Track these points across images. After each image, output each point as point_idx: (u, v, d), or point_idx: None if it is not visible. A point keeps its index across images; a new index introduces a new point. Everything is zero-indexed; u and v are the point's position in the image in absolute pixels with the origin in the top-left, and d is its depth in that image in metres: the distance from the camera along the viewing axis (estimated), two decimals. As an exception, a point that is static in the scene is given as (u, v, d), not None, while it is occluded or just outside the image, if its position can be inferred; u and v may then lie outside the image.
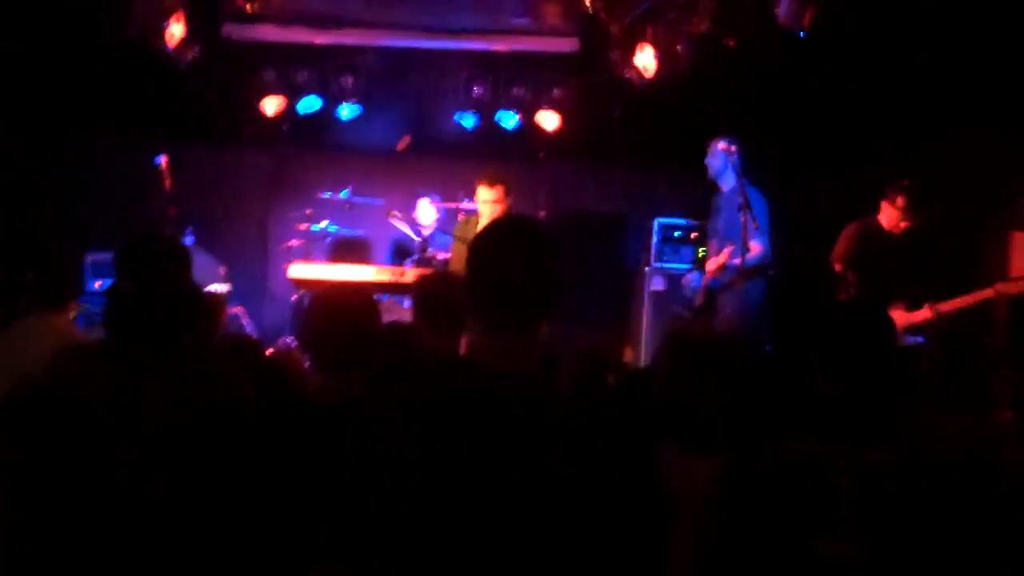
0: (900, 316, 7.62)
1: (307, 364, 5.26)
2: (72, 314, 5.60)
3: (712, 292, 8.34)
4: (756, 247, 8.00)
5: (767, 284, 8.42)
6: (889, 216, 7.89)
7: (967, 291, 7.41)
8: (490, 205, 7.93)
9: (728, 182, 8.26)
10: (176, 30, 8.62)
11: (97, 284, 8.88)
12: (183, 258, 3.87)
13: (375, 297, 4.40)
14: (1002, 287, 7.32)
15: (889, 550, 3.42)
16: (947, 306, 7.46)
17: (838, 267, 7.98)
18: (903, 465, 3.52)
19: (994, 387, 5.28)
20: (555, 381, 2.78)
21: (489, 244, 2.68)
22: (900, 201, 7.80)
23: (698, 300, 8.41)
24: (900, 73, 8.56)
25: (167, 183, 8.46)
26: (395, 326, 5.34)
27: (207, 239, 9.85)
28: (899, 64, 8.45)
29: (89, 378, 3.43)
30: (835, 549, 3.43)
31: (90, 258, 8.54)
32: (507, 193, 8.00)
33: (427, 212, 9.71)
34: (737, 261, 7.84)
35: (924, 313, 7.53)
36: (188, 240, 8.90)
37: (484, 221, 7.94)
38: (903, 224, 7.85)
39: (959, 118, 8.64)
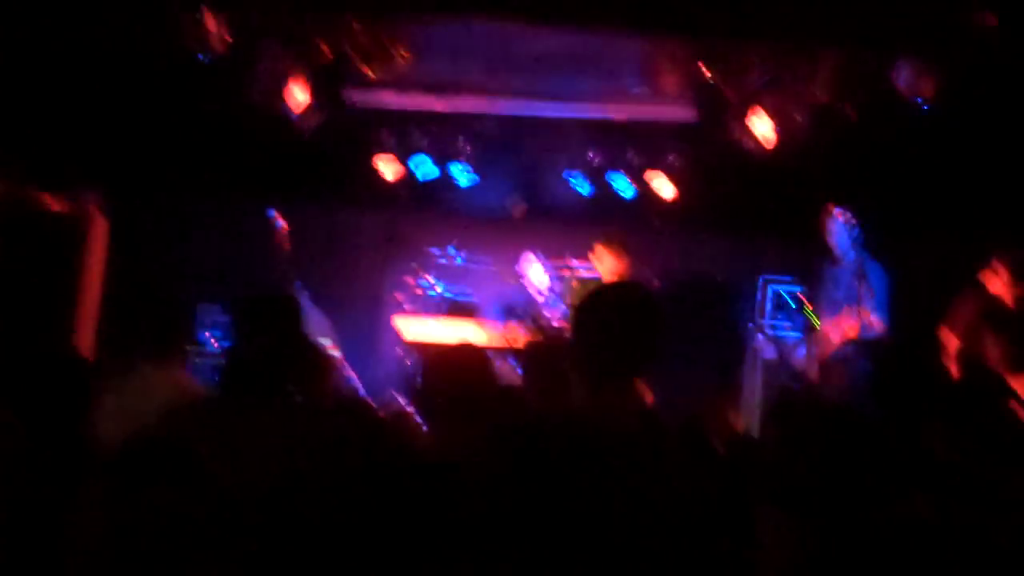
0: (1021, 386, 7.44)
1: (419, 423, 5.31)
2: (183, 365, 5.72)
3: (827, 364, 8.22)
4: (876, 322, 7.91)
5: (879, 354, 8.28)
6: (1000, 287, 7.74)
7: None
8: (609, 267, 7.97)
9: (848, 254, 8.18)
10: (300, 96, 8.78)
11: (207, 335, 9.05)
12: (297, 315, 3.91)
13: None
14: None
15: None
16: None
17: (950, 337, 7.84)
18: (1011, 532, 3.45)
19: None
20: (654, 432, 2.79)
21: (592, 305, 2.74)
22: (1003, 273, 7.66)
23: (811, 372, 8.30)
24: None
25: (287, 245, 8.61)
26: (507, 388, 5.38)
27: (321, 299, 9.98)
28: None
29: (201, 432, 3.47)
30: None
31: (201, 309, 8.72)
32: (626, 254, 8.04)
33: (539, 275, 9.74)
34: (853, 333, 7.74)
35: None
36: (302, 297, 9.01)
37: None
38: (1010, 292, 7.69)
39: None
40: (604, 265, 8.05)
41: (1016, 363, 7.61)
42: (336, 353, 6.79)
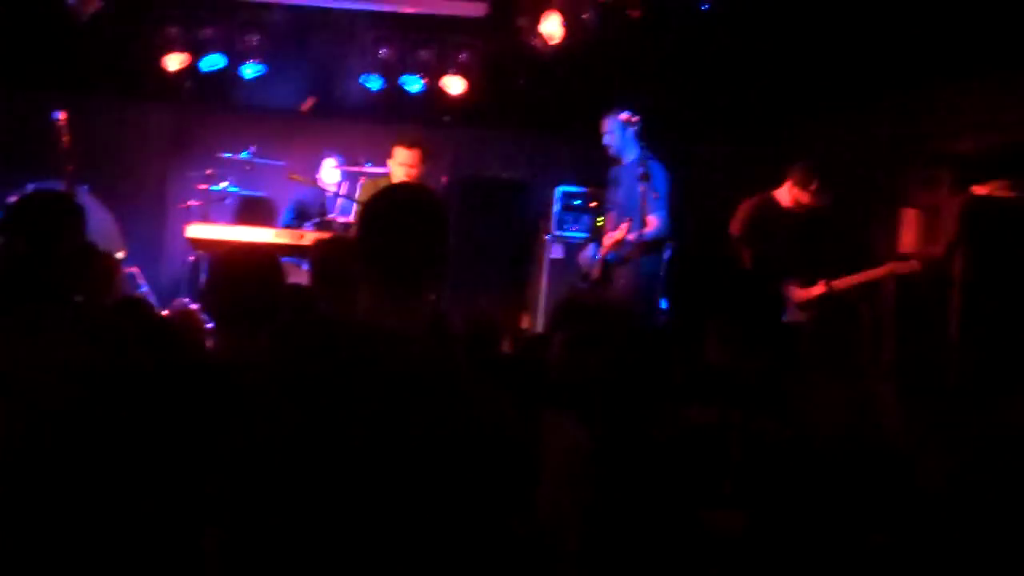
0: (795, 292, 7.76)
1: (208, 325, 5.27)
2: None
3: (608, 265, 8.41)
4: (654, 221, 8.07)
5: (665, 258, 8.54)
6: (794, 195, 7.99)
7: (859, 268, 7.57)
8: (405, 168, 7.92)
9: (629, 154, 8.31)
10: (76, -19, 8.47)
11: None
12: (77, 216, 3.80)
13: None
14: (894, 266, 7.50)
15: (774, 517, 3.51)
16: (841, 283, 7.61)
17: (735, 240, 8.09)
18: (790, 434, 3.61)
19: (876, 359, 5.42)
20: (442, 344, 2.84)
21: (380, 209, 2.75)
22: (814, 185, 7.91)
23: (594, 272, 8.49)
24: (795, 49, 8.69)
25: (65, 139, 8.35)
26: (294, 289, 5.36)
27: (105, 196, 9.72)
28: (798, 40, 8.57)
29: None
30: (721, 517, 3.51)
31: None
32: (424, 157, 7.99)
33: (331, 173, 9.68)
34: (633, 236, 7.91)
35: (818, 289, 7.68)
36: (84, 197, 8.75)
37: (397, 182, 7.94)
38: (801, 202, 7.96)
39: (852, 95, 8.80)
40: (397, 164, 7.98)
41: (788, 268, 7.96)
42: (121, 255, 6.65)
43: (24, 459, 3.28)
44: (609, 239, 8.19)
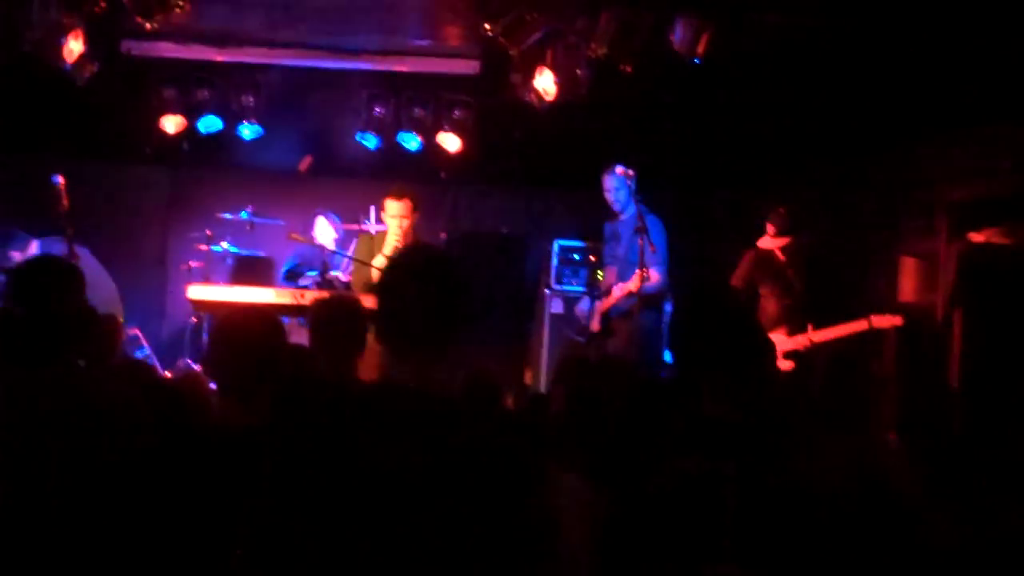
0: (780, 341, 7.77)
1: (212, 386, 5.27)
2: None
3: (609, 318, 8.43)
4: (655, 275, 8.13)
5: (666, 311, 8.56)
6: (768, 242, 8.09)
7: (845, 319, 7.59)
8: (397, 219, 7.95)
9: (627, 208, 8.38)
10: (74, 46, 8.52)
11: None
12: (74, 280, 3.83)
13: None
14: (875, 320, 7.52)
15: (773, 571, 3.50)
16: (821, 335, 7.63)
17: (737, 291, 8.13)
18: (789, 485, 3.61)
19: (880, 410, 5.42)
20: (459, 402, 2.85)
21: (395, 272, 2.77)
22: (770, 228, 8.00)
23: (592, 326, 8.51)
24: (791, 100, 8.76)
25: (64, 202, 8.39)
26: (294, 349, 5.36)
27: (106, 258, 9.75)
28: (790, 90, 8.64)
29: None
30: (720, 571, 3.50)
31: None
32: (414, 208, 8.03)
33: (325, 231, 9.71)
34: (635, 287, 7.93)
35: (802, 339, 7.69)
36: (85, 258, 8.79)
37: (392, 235, 8.01)
38: (778, 249, 8.03)
39: (849, 144, 8.86)
40: (389, 216, 8.02)
41: (781, 317, 7.98)
42: (120, 317, 6.66)
43: (23, 523, 3.28)
44: (620, 290, 8.19)
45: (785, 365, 7.57)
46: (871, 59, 7.85)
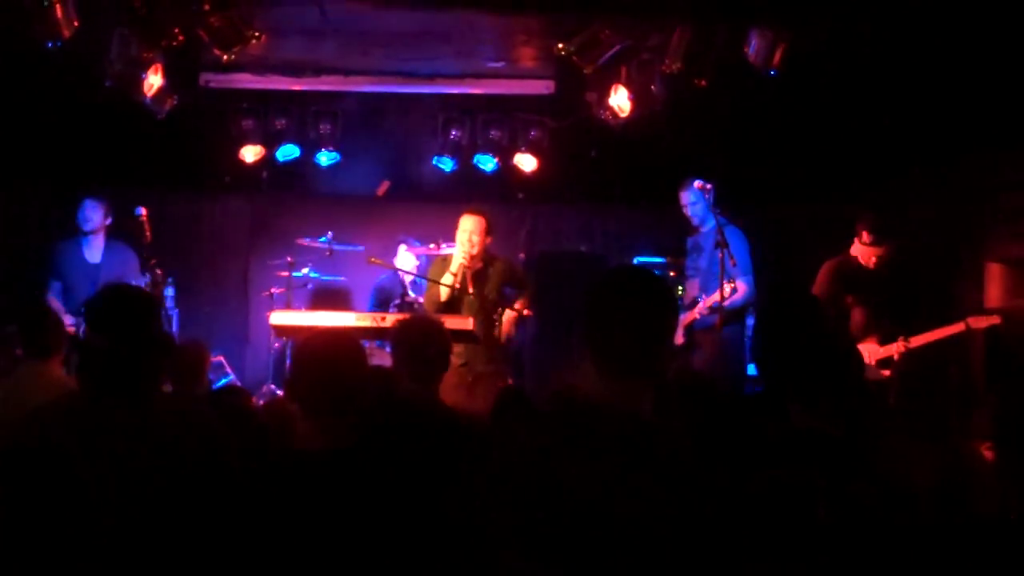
0: (872, 350, 7.69)
1: (293, 411, 5.31)
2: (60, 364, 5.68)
3: (691, 331, 8.38)
4: (742, 287, 8.09)
5: (749, 323, 8.49)
6: (860, 252, 7.96)
7: (940, 324, 7.49)
8: (468, 235, 7.99)
9: (706, 222, 8.34)
10: (154, 80, 8.68)
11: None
12: (152, 307, 3.87)
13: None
14: (972, 321, 7.41)
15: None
16: (918, 340, 7.53)
17: (818, 301, 8.03)
18: (879, 496, 3.55)
19: (968, 419, 5.32)
20: (666, 425, 2.84)
21: (609, 292, 2.75)
22: (865, 236, 7.88)
23: (676, 340, 8.45)
24: (872, 108, 8.67)
25: (147, 233, 8.52)
26: (378, 371, 5.38)
27: (189, 287, 9.89)
28: (870, 99, 8.55)
29: (64, 431, 3.44)
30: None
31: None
32: (488, 230, 8.06)
33: (406, 258, 9.76)
34: (720, 299, 7.88)
35: (896, 347, 7.60)
36: (169, 291, 8.93)
37: (459, 252, 8.04)
38: (873, 259, 7.91)
39: (933, 152, 8.74)
40: (463, 232, 8.04)
41: (870, 327, 7.89)
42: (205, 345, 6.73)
43: (113, 549, 3.32)
44: (705, 302, 8.13)
45: (880, 374, 7.49)
46: (953, 64, 7.74)
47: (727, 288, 7.79)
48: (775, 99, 8.78)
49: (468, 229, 8.03)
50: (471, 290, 8.02)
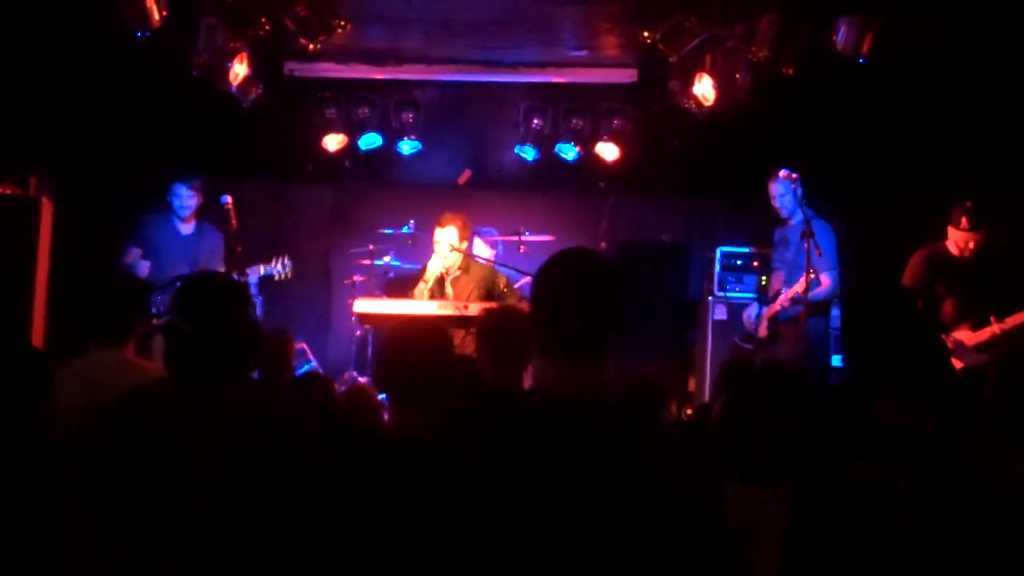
0: (967, 336, 7.59)
1: (378, 398, 5.33)
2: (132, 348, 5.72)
3: (775, 323, 8.31)
4: (826, 280, 8.02)
5: (834, 316, 8.40)
6: (956, 239, 7.84)
7: None
8: (440, 245, 8.42)
9: (794, 214, 8.26)
10: (239, 69, 8.76)
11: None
12: (241, 295, 3.89)
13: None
14: None
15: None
16: (1012, 320, 7.42)
17: (908, 292, 7.95)
18: (966, 492, 3.49)
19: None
20: (625, 410, 2.81)
21: (554, 275, 2.73)
22: (964, 222, 7.75)
23: (760, 331, 8.38)
24: (960, 98, 8.53)
25: (233, 222, 8.60)
26: (462, 360, 5.39)
27: (270, 276, 9.96)
28: (958, 89, 8.41)
29: (154, 417, 3.48)
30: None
31: (158, 296, 8.61)
32: (464, 234, 8.47)
33: (483, 250, 9.77)
34: (802, 290, 7.82)
35: (990, 330, 7.50)
36: (253, 278, 8.99)
37: (437, 261, 8.47)
38: (971, 245, 7.78)
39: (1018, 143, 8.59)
40: (441, 247, 8.29)
41: (962, 315, 7.77)
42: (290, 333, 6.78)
43: (195, 533, 3.35)
44: (789, 293, 8.07)
45: (978, 359, 7.39)
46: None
47: (807, 281, 7.74)
48: (863, 88, 8.66)
49: (440, 240, 8.38)
50: (450, 296, 8.40)
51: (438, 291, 8.47)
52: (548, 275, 2.75)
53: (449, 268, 8.46)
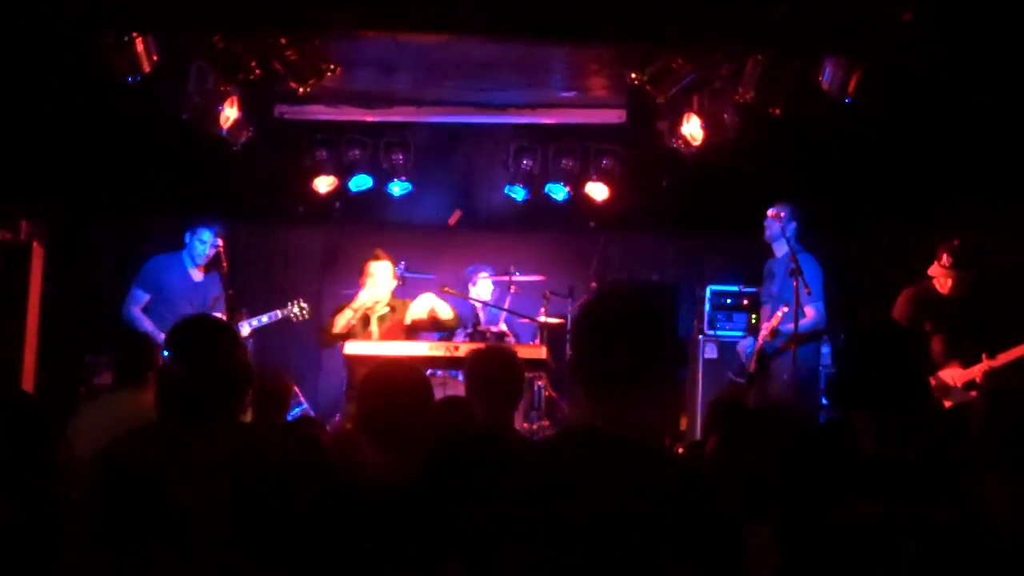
0: (956, 373, 7.60)
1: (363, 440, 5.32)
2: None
3: (764, 357, 8.33)
4: (810, 312, 8.05)
5: (824, 352, 8.41)
6: (938, 275, 7.87)
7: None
8: (374, 278, 8.75)
9: (781, 247, 8.31)
10: (230, 112, 8.80)
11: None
12: (232, 336, 3.91)
13: (429, 372, 4.40)
14: None
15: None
16: (1003, 357, 7.44)
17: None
18: (965, 526, 3.49)
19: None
20: (661, 447, 2.82)
21: (596, 313, 2.74)
22: (945, 259, 7.79)
23: (751, 366, 8.40)
24: (945, 135, 8.58)
25: (224, 263, 8.62)
26: (450, 401, 5.39)
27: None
28: (944, 126, 8.46)
29: (145, 459, 3.49)
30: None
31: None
32: (393, 275, 8.83)
33: (485, 286, 9.79)
34: (790, 326, 7.86)
35: (979, 367, 7.52)
36: (248, 324, 9.01)
37: (367, 292, 8.73)
38: (949, 283, 7.82)
39: (1009, 178, 8.63)
40: (374, 280, 8.65)
41: (951, 352, 7.78)
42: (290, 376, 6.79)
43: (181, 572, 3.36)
44: (766, 328, 8.13)
45: (968, 396, 7.41)
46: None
47: (781, 314, 7.81)
48: (850, 126, 8.71)
49: (375, 273, 8.67)
50: (374, 334, 8.62)
51: (360, 326, 8.70)
52: (590, 313, 2.76)
53: (375, 305, 8.74)
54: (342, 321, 8.55)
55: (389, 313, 8.72)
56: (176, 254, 8.84)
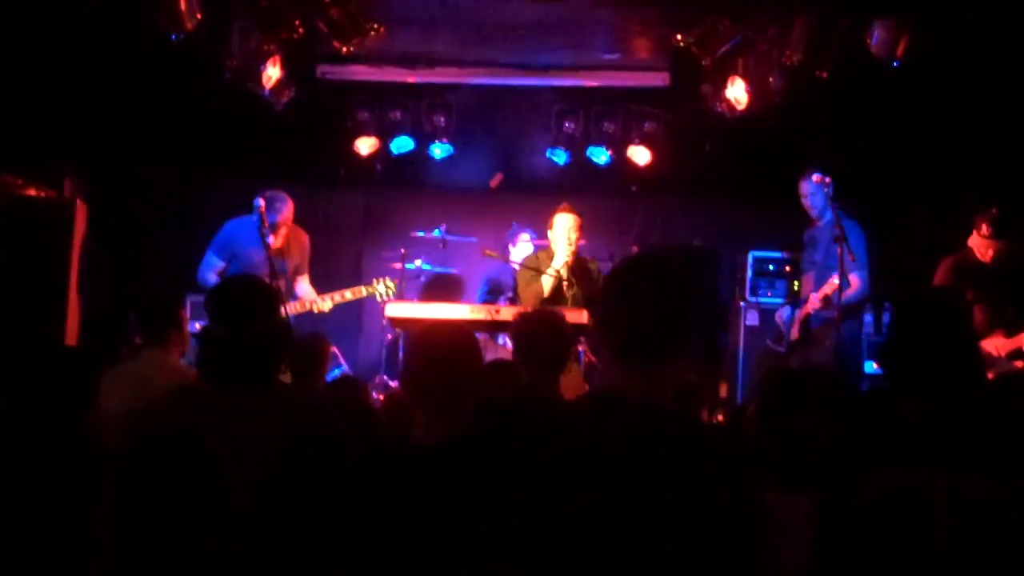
0: (1000, 343, 7.53)
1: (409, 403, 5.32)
2: (179, 352, 5.78)
3: (807, 326, 8.25)
4: (855, 281, 7.93)
5: (867, 320, 8.34)
6: (977, 246, 7.79)
7: None
8: (568, 231, 7.92)
9: (824, 214, 8.21)
10: (272, 72, 8.79)
11: (197, 326, 8.92)
12: (270, 299, 3.90)
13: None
14: None
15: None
16: None
17: None
18: (1003, 496, 3.45)
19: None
20: (686, 413, 2.81)
21: (625, 278, 2.73)
22: (984, 228, 7.70)
23: (793, 334, 8.33)
24: (993, 101, 8.47)
25: (266, 224, 8.60)
26: (496, 364, 5.38)
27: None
28: (992, 92, 8.36)
29: (184, 420, 3.50)
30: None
31: (190, 300, 8.58)
32: (581, 225, 8.03)
33: (526, 249, 9.77)
34: (831, 292, 7.76)
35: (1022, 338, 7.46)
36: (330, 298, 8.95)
37: (565, 248, 7.93)
38: (990, 252, 7.74)
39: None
40: (562, 230, 7.96)
41: (994, 322, 7.71)
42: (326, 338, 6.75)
43: (232, 541, 3.36)
44: (819, 295, 7.96)
45: (1013, 366, 7.34)
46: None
47: (836, 281, 7.66)
48: (897, 91, 8.61)
49: (569, 226, 7.96)
50: (571, 289, 7.89)
51: (554, 293, 7.91)
52: (620, 277, 2.75)
53: (574, 258, 7.99)
54: (543, 289, 7.93)
55: (581, 267, 8.10)
56: (248, 219, 8.59)
